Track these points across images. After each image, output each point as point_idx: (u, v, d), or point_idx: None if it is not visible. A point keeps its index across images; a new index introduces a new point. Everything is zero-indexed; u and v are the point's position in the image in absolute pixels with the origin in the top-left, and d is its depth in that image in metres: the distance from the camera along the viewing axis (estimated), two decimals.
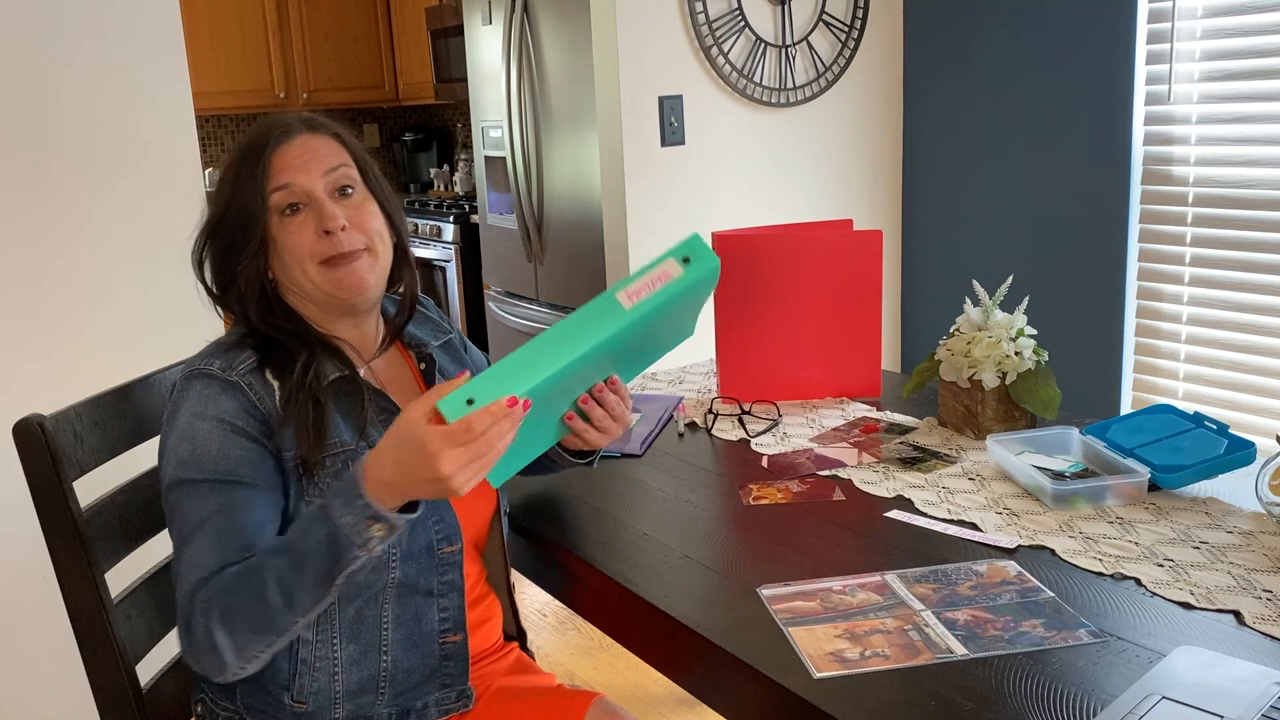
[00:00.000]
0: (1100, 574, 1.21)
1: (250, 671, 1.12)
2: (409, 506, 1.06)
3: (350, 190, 1.23)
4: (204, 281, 1.26)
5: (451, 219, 4.66)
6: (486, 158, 4.10)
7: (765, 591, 1.20)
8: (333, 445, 1.18)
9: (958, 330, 1.73)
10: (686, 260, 1.08)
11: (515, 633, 1.46)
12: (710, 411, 1.86)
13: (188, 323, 2.19)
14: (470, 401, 1.01)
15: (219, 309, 1.28)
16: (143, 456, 1.41)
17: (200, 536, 1.12)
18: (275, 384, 1.19)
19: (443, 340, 1.41)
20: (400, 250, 1.30)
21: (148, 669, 1.34)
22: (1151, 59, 2.83)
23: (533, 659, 1.46)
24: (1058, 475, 1.46)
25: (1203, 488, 1.43)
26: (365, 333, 1.30)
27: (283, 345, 1.21)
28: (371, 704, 1.22)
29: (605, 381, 1.22)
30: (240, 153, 1.23)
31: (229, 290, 1.24)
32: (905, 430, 1.74)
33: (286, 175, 1.20)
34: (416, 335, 1.37)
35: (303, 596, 1.07)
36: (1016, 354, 1.65)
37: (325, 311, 1.25)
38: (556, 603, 1.41)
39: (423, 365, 1.35)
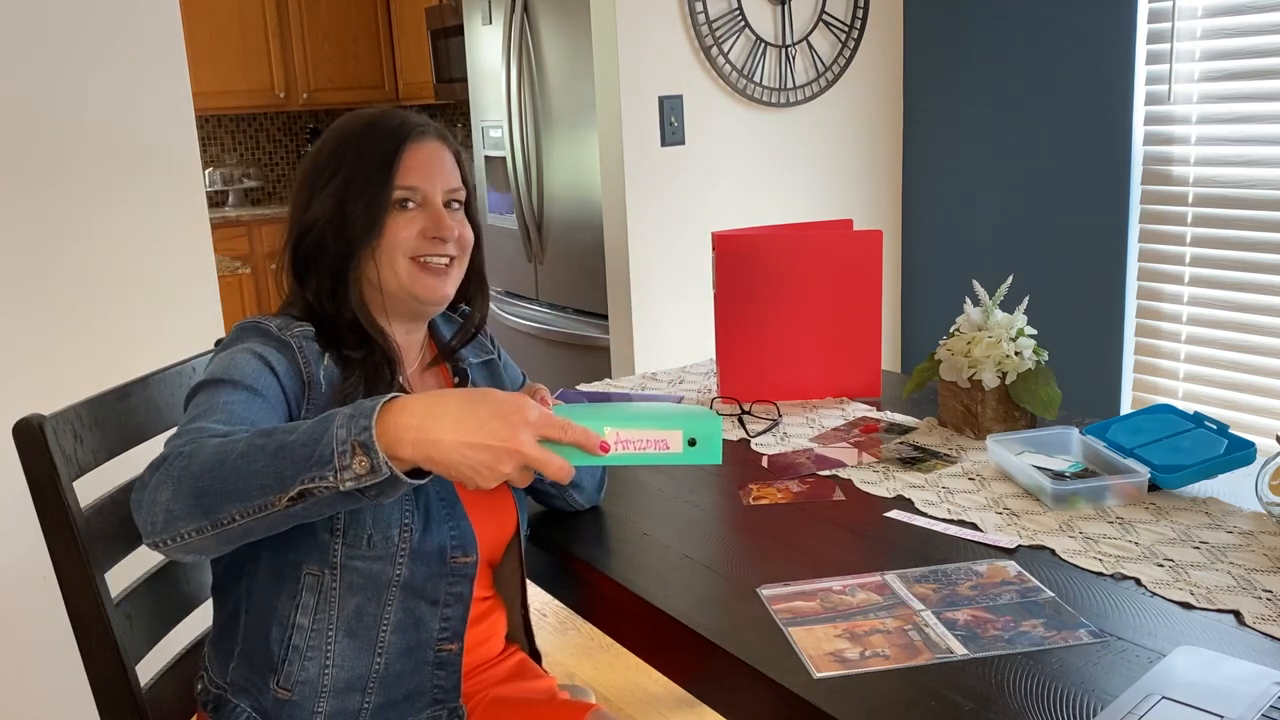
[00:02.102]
0: (1100, 574, 1.21)
1: (170, 551, 1.02)
2: (411, 476, 0.98)
3: (457, 207, 1.30)
4: (294, 259, 1.27)
5: None
6: (486, 158, 4.10)
7: (765, 591, 1.20)
8: None
9: (958, 330, 1.73)
10: (693, 443, 1.03)
11: (524, 641, 1.45)
12: None
13: (187, 323, 2.19)
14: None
15: (283, 289, 1.30)
16: (142, 456, 1.40)
17: (206, 414, 1.10)
18: (326, 355, 1.22)
19: (483, 359, 1.43)
20: (479, 277, 1.36)
21: (148, 669, 1.34)
22: (1151, 59, 2.83)
23: (539, 661, 1.46)
24: (1058, 475, 1.46)
25: (1203, 488, 1.43)
26: (413, 341, 1.33)
27: (345, 334, 1.24)
28: (357, 706, 1.20)
29: None
30: (368, 140, 1.25)
31: (318, 274, 1.25)
32: (905, 430, 1.74)
33: (415, 179, 1.25)
34: (458, 351, 1.40)
35: (253, 485, 0.97)
36: (1016, 354, 1.65)
37: (392, 307, 1.28)
38: (556, 603, 1.41)
39: (456, 379, 1.37)
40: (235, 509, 0.98)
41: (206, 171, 5.59)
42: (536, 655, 1.46)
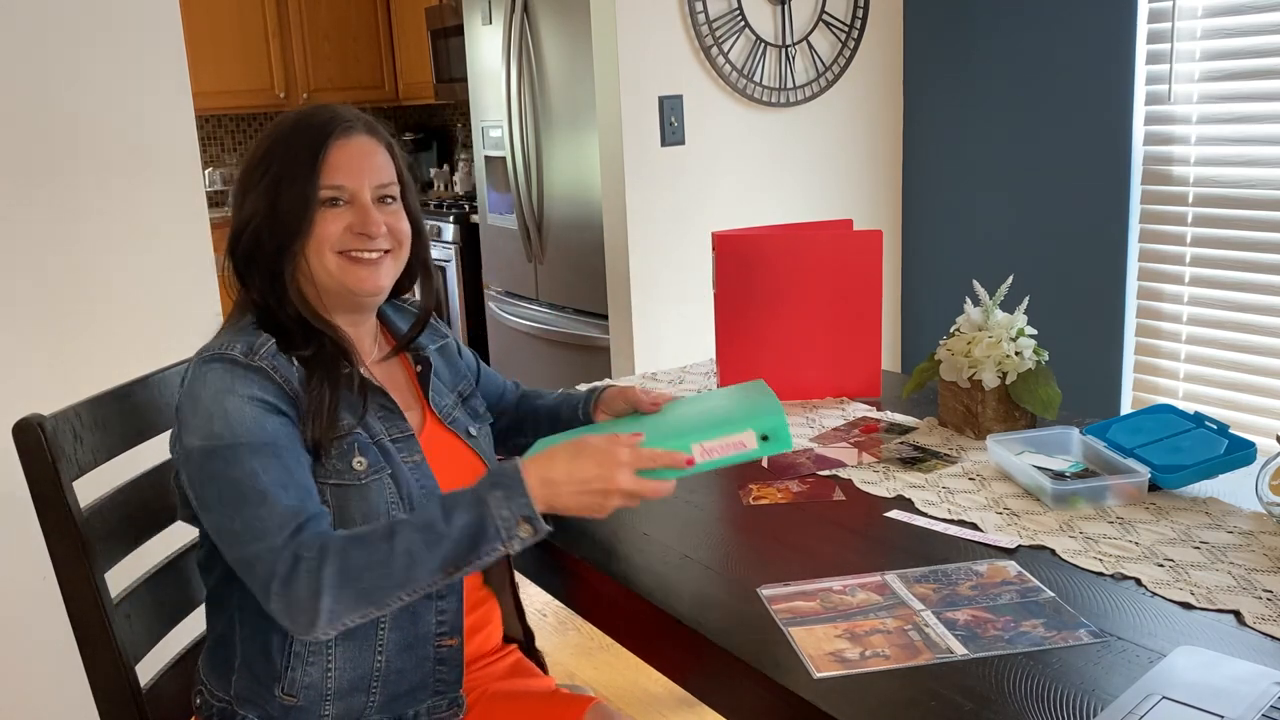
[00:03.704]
0: (1100, 574, 1.21)
1: (329, 636, 1.14)
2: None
3: (390, 201, 1.28)
4: (234, 258, 1.27)
5: (451, 219, 4.66)
6: (486, 158, 4.10)
7: (765, 591, 1.20)
8: (341, 428, 1.20)
9: (958, 330, 1.73)
10: (765, 438, 1.21)
11: (521, 635, 1.46)
12: None
13: (187, 322, 2.19)
14: None
15: (234, 290, 1.29)
16: (142, 456, 1.41)
17: (264, 494, 1.11)
18: (297, 364, 1.21)
19: (439, 344, 1.43)
20: (423, 266, 1.35)
21: (148, 669, 1.34)
22: (1151, 59, 2.83)
23: (542, 663, 1.47)
24: (1058, 475, 1.46)
25: (1203, 488, 1.43)
26: (362, 333, 1.33)
27: (295, 332, 1.23)
28: (362, 705, 1.22)
29: None
30: (295, 136, 1.24)
31: (258, 271, 1.25)
32: (905, 430, 1.74)
33: (341, 177, 1.23)
34: (416, 340, 1.39)
35: (423, 576, 1.10)
36: (1016, 354, 1.65)
37: (330, 302, 1.27)
38: (556, 603, 1.42)
39: (419, 368, 1.38)
40: (403, 594, 1.11)
41: (206, 171, 5.59)
42: (539, 659, 1.46)
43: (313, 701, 1.20)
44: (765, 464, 1.62)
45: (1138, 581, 1.18)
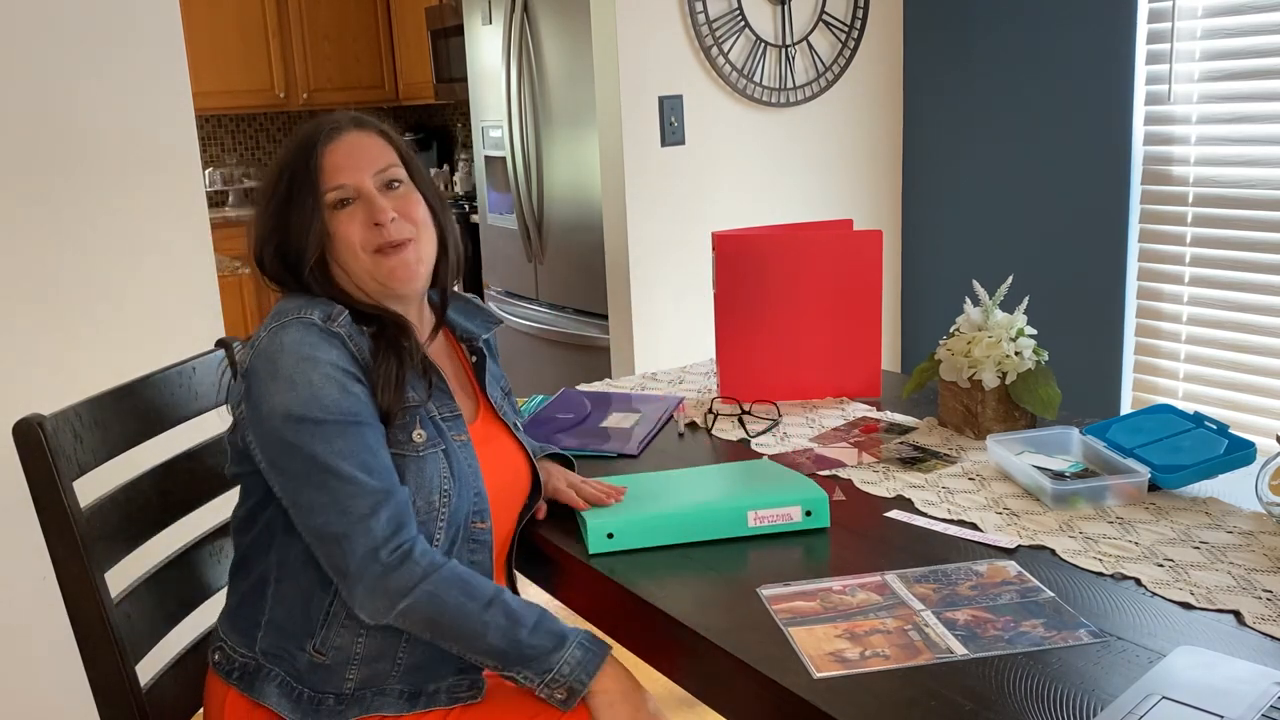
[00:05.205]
0: (1100, 574, 1.21)
1: (376, 624, 1.20)
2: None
3: (398, 185, 1.29)
4: (263, 271, 1.29)
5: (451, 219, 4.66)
6: (486, 158, 4.10)
7: (765, 591, 1.20)
8: (407, 400, 1.24)
9: (958, 330, 1.73)
10: (809, 514, 1.34)
11: None
12: (710, 411, 1.86)
13: (187, 322, 2.19)
14: (610, 536, 1.32)
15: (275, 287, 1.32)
16: (143, 456, 1.41)
17: (351, 474, 1.16)
18: (369, 335, 1.24)
19: (492, 330, 1.45)
20: (441, 243, 1.35)
21: (148, 669, 1.34)
22: (1151, 59, 2.83)
23: None
24: (1058, 475, 1.46)
25: (1203, 488, 1.43)
26: (411, 316, 1.33)
27: (357, 310, 1.26)
28: (386, 674, 1.25)
29: None
30: (292, 154, 1.27)
31: (292, 278, 1.27)
32: (905, 430, 1.74)
33: (339, 177, 1.25)
34: (467, 327, 1.42)
35: (477, 650, 1.18)
36: (1016, 354, 1.65)
37: (376, 297, 1.29)
38: (556, 602, 1.42)
39: (474, 359, 1.41)
40: (456, 648, 1.19)
41: (206, 171, 5.59)
42: None
43: (339, 664, 1.23)
44: None
45: (1138, 581, 1.18)
